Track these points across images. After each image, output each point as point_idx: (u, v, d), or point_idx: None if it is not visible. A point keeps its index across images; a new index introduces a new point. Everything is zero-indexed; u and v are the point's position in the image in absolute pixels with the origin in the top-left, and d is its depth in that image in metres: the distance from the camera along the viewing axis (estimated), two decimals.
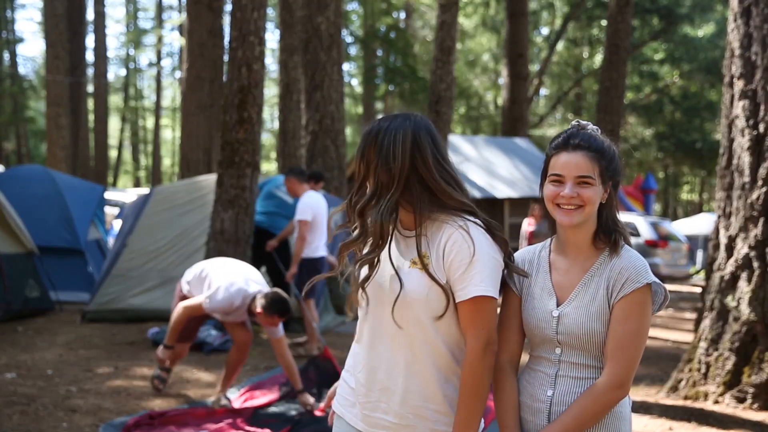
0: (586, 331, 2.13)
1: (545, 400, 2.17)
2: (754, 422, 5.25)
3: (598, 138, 2.18)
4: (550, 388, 2.18)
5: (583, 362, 2.16)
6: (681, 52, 24.37)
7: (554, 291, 2.22)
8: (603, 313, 2.13)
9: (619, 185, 2.25)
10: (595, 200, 2.15)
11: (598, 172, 2.14)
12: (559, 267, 2.24)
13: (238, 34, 8.06)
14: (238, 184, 8.05)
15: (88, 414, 5.31)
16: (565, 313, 2.17)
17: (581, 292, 2.17)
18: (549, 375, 2.19)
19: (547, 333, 2.19)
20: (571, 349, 2.17)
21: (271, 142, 36.79)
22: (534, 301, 2.23)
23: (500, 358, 2.25)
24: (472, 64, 29.76)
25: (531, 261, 2.29)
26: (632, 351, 2.10)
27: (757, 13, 5.76)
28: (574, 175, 2.13)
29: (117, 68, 42.60)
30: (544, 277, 2.25)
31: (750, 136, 5.75)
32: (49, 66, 18.37)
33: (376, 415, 2.18)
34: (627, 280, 2.10)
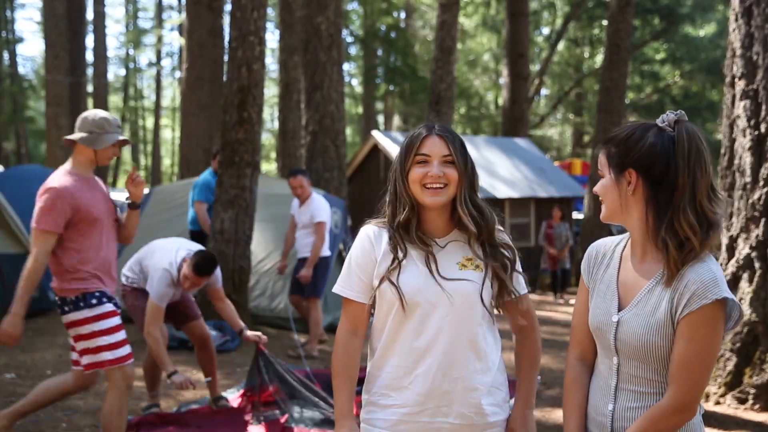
0: (645, 344, 1.94)
1: (607, 414, 2.03)
2: (755, 423, 5.24)
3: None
4: (611, 402, 2.03)
5: (643, 375, 1.98)
6: (682, 52, 24.34)
7: (618, 292, 2.04)
8: (665, 327, 1.92)
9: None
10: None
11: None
12: (630, 265, 2.05)
13: (238, 34, 8.05)
14: (238, 184, 8.04)
15: (88, 414, 5.30)
16: (624, 320, 1.99)
17: (644, 299, 1.98)
18: (609, 386, 2.04)
19: (606, 338, 2.02)
20: (629, 360, 1.99)
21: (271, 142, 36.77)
22: (598, 299, 2.08)
23: (570, 356, 2.17)
24: (473, 64, 29.74)
25: (604, 254, 2.13)
26: (698, 373, 1.90)
27: (759, 12, 5.75)
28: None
29: (117, 68, 42.60)
30: (612, 273, 2.08)
31: (751, 136, 5.74)
32: (49, 66, 18.36)
33: (436, 420, 2.19)
34: (693, 295, 1.88)
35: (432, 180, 2.18)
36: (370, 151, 15.54)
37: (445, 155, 2.19)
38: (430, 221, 2.25)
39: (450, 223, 2.26)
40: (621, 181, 1.97)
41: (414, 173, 2.20)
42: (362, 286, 2.25)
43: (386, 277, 2.19)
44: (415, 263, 2.20)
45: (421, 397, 2.18)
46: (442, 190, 2.19)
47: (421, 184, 2.18)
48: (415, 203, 2.22)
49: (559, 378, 6.85)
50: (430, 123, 2.29)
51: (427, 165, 2.19)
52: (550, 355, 7.96)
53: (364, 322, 2.29)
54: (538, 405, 5.83)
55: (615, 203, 1.99)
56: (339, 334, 2.29)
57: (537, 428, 2.39)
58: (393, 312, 2.20)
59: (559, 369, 7.27)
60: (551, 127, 32.72)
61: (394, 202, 2.26)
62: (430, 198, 2.19)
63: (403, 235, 2.22)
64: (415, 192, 2.20)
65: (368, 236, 2.27)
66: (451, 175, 2.19)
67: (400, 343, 2.21)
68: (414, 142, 2.22)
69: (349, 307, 2.29)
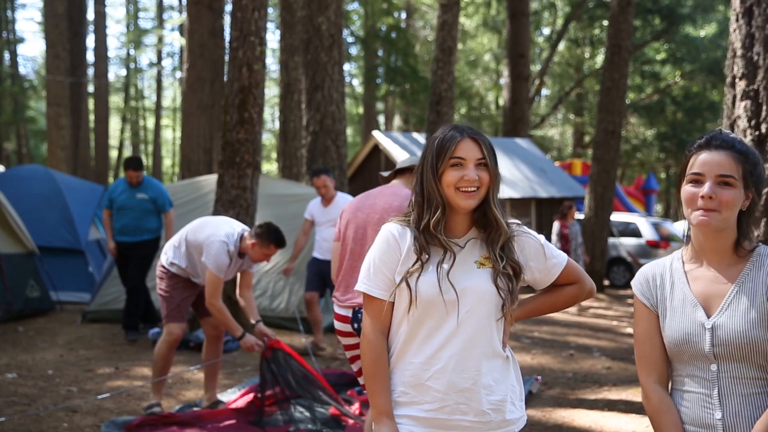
0: (749, 340, 1.97)
1: (715, 425, 2.01)
2: None
3: (743, 141, 2.08)
4: (718, 410, 2.01)
5: (747, 375, 2.00)
6: (683, 52, 24.34)
7: (699, 302, 2.06)
8: (765, 319, 1.97)
9: (761, 195, 2.14)
10: (735, 203, 2.02)
11: (741, 175, 2.03)
12: (700, 276, 2.09)
13: (238, 35, 8.05)
14: (238, 185, 8.04)
15: (89, 414, 5.31)
16: (719, 324, 2.01)
17: (734, 300, 2.02)
18: (711, 396, 2.03)
19: (699, 347, 2.03)
20: (730, 363, 2.00)
21: (271, 142, 36.78)
22: (676, 315, 2.08)
23: (649, 381, 2.14)
24: (473, 65, 29.75)
25: (662, 275, 2.16)
26: None
27: (759, 13, 5.75)
28: (716, 173, 2.01)
29: (117, 68, 42.62)
30: (682, 288, 2.10)
31: (752, 136, 5.74)
32: (50, 66, 18.36)
33: (454, 417, 2.21)
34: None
35: (467, 183, 2.20)
36: (371, 152, 15.55)
37: (479, 158, 2.23)
38: (455, 222, 2.28)
39: (470, 223, 2.30)
40: (742, 196, 2.03)
41: (449, 176, 2.21)
42: (387, 283, 2.26)
43: (406, 278, 2.21)
44: (436, 265, 2.22)
45: (439, 394, 2.20)
46: (476, 193, 2.21)
47: (456, 187, 2.21)
48: (446, 205, 2.24)
49: (559, 378, 6.86)
50: (457, 125, 2.31)
51: (462, 168, 2.21)
52: (550, 355, 7.96)
53: (389, 319, 2.30)
54: (538, 405, 5.85)
55: (734, 216, 2.04)
56: (367, 333, 2.28)
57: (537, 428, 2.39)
58: (411, 311, 2.22)
59: (560, 369, 7.28)
60: (552, 127, 32.71)
61: (422, 204, 2.26)
62: (465, 201, 2.21)
63: (428, 237, 2.24)
64: (448, 195, 2.22)
65: (392, 234, 2.27)
66: (484, 178, 2.22)
67: (417, 341, 2.23)
68: (448, 145, 2.23)
69: (374, 306, 2.28)
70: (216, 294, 5.08)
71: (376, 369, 2.26)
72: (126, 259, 8.06)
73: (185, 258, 5.30)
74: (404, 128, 29.63)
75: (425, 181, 2.26)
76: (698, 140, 2.11)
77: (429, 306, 2.20)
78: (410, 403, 2.23)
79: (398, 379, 2.26)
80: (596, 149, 14.31)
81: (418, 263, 2.21)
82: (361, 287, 2.30)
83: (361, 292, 2.30)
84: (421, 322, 2.22)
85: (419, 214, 2.27)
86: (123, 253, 8.05)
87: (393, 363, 2.28)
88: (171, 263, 5.34)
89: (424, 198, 2.26)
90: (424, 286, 2.20)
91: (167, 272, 5.36)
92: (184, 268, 5.31)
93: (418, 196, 2.28)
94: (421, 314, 2.21)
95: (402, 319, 2.25)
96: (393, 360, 2.28)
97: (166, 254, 5.39)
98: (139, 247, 8.02)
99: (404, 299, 2.23)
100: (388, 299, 2.27)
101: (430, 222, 2.23)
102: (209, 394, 5.54)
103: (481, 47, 29.76)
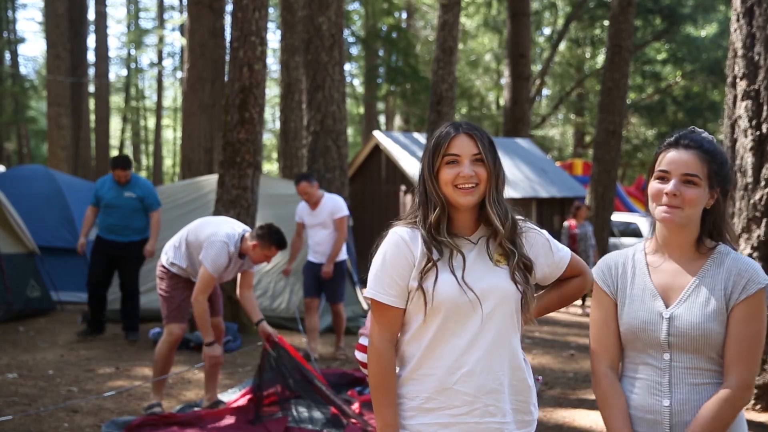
0: (703, 332, 2.06)
1: (662, 411, 2.09)
2: (757, 423, 5.24)
3: (712, 142, 2.14)
4: (666, 398, 2.10)
5: (698, 366, 2.09)
6: (683, 52, 24.31)
7: (658, 292, 2.15)
8: (720, 314, 2.07)
9: (727, 195, 2.18)
10: (698, 202, 2.10)
11: (706, 174, 2.10)
12: (661, 269, 2.18)
13: (239, 35, 8.05)
14: (239, 185, 8.04)
15: (90, 414, 5.31)
16: (677, 315, 2.10)
17: (693, 293, 2.11)
18: (661, 383, 2.11)
19: (655, 336, 2.11)
20: (682, 353, 2.09)
21: (272, 142, 36.75)
22: (635, 303, 2.16)
23: (600, 365, 2.20)
24: (474, 65, 29.73)
25: (624, 264, 2.24)
26: (756, 352, 2.07)
27: (760, 13, 5.75)
28: (681, 172, 2.09)
29: (118, 68, 42.58)
30: (643, 278, 2.18)
31: (753, 136, 5.74)
32: (50, 66, 18.35)
33: (484, 420, 2.17)
34: (749, 281, 2.06)
35: (464, 180, 2.17)
36: (372, 152, 15.54)
37: (474, 154, 2.19)
38: (460, 220, 2.24)
39: (478, 220, 2.25)
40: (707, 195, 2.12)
41: (445, 174, 2.18)
42: (399, 290, 2.19)
43: (423, 282, 2.16)
44: (451, 265, 2.18)
45: (468, 397, 2.16)
46: (474, 190, 2.18)
47: (453, 185, 2.18)
48: (446, 203, 2.21)
49: (560, 378, 6.85)
50: (455, 122, 2.28)
51: (458, 165, 2.18)
52: (550, 355, 7.96)
53: (399, 328, 2.23)
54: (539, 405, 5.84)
55: (698, 213, 2.13)
56: (376, 342, 2.21)
57: (539, 428, 2.39)
58: (434, 315, 2.16)
59: (560, 369, 7.27)
60: (552, 127, 32.68)
61: (425, 204, 2.23)
62: (463, 198, 2.18)
63: (436, 236, 2.19)
64: (447, 193, 2.19)
65: (403, 238, 2.21)
66: (481, 174, 2.18)
67: (441, 346, 2.18)
68: (442, 142, 2.20)
69: (385, 313, 2.21)
70: (205, 291, 5.10)
71: (384, 380, 2.20)
72: (110, 258, 7.92)
73: (186, 258, 5.30)
74: (405, 128, 29.62)
75: (425, 180, 2.23)
76: (668, 138, 2.17)
77: (451, 308, 2.15)
78: (437, 409, 2.17)
79: (422, 386, 2.19)
80: (597, 149, 14.30)
81: (431, 264, 2.16)
82: (372, 293, 2.22)
83: (369, 298, 2.23)
84: (444, 326, 2.17)
85: (424, 214, 2.23)
86: (108, 251, 7.90)
87: (413, 371, 2.21)
88: (171, 263, 5.34)
89: (426, 197, 2.23)
90: (444, 287, 2.15)
91: (167, 272, 5.36)
92: (184, 268, 5.32)
93: (421, 195, 2.25)
94: (444, 317, 2.16)
95: (422, 325, 2.19)
96: (413, 368, 2.21)
97: (167, 254, 5.39)
98: (130, 249, 7.91)
99: (421, 305, 2.17)
100: (403, 306, 2.20)
101: (432, 221, 2.19)
102: (210, 394, 5.54)
103: (481, 47, 29.75)
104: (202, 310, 5.09)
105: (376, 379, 2.20)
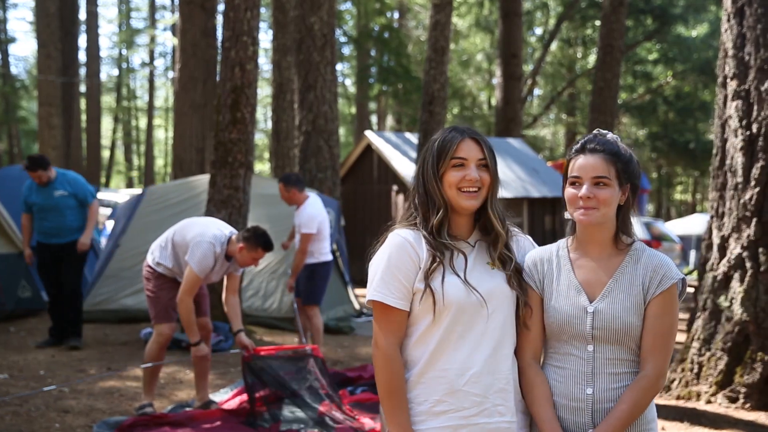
0: (624, 325, 2.20)
1: (585, 399, 2.23)
2: (746, 422, 5.27)
3: (615, 143, 2.28)
4: (589, 386, 2.23)
5: (618, 357, 2.23)
6: (674, 52, 24.38)
7: (582, 288, 2.27)
8: (639, 308, 2.22)
9: (637, 189, 2.31)
10: (612, 201, 2.24)
11: (615, 174, 2.23)
12: (583, 265, 2.31)
13: (231, 34, 8.04)
14: (231, 185, 8.03)
15: (81, 415, 5.29)
16: (600, 309, 2.23)
17: (614, 288, 2.25)
18: (584, 373, 2.23)
19: (579, 329, 2.24)
20: (605, 345, 2.23)
21: (264, 142, 36.72)
22: (561, 298, 2.28)
23: (525, 355, 2.30)
24: (466, 64, 29.75)
25: (549, 260, 2.34)
26: (671, 342, 2.24)
27: (751, 13, 5.78)
28: (591, 176, 2.23)
29: (109, 68, 42.38)
30: (567, 274, 2.30)
31: (743, 136, 5.76)
32: (41, 66, 18.28)
33: (493, 420, 2.20)
34: (664, 277, 2.22)
35: (469, 184, 2.20)
36: (364, 152, 15.54)
37: (480, 159, 2.24)
38: (459, 224, 2.27)
39: (473, 225, 2.29)
40: (618, 193, 2.26)
41: (451, 177, 2.21)
42: (405, 292, 2.20)
43: (430, 283, 2.17)
44: (454, 267, 2.20)
45: (478, 398, 2.18)
46: (477, 194, 2.22)
47: (457, 188, 2.20)
48: (448, 206, 2.23)
49: None
50: (456, 126, 2.31)
51: (464, 168, 2.21)
52: None
53: (404, 331, 2.23)
54: None
55: (611, 209, 2.26)
56: (384, 347, 2.20)
57: None
58: (440, 317, 2.18)
59: None
60: (544, 127, 32.74)
61: (426, 205, 2.24)
62: (467, 201, 2.21)
63: (437, 239, 2.21)
64: (450, 195, 2.22)
65: (408, 241, 2.22)
66: (485, 179, 2.23)
67: (450, 348, 2.19)
68: (449, 145, 2.23)
69: (391, 316, 2.20)
70: (190, 292, 5.09)
71: (394, 385, 2.19)
72: (54, 262, 7.54)
73: (172, 258, 5.29)
74: (397, 128, 29.63)
75: (426, 182, 2.24)
76: (575, 145, 2.31)
77: (459, 310, 2.17)
78: (448, 412, 2.18)
79: (431, 389, 2.20)
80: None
81: (437, 264, 2.18)
82: (376, 296, 2.20)
83: (376, 301, 2.21)
84: (452, 328, 2.18)
85: (425, 215, 2.24)
86: (52, 256, 7.50)
87: (420, 374, 2.21)
88: (157, 263, 5.33)
89: (427, 199, 2.24)
90: (451, 288, 2.17)
91: (154, 272, 5.35)
92: (170, 268, 5.30)
93: (421, 197, 2.26)
94: (452, 318, 2.18)
95: (429, 327, 2.19)
96: (420, 371, 2.21)
97: (153, 254, 5.38)
98: (70, 249, 7.47)
99: (429, 306, 2.18)
100: (408, 309, 2.20)
101: (434, 223, 2.21)
102: (201, 394, 5.53)
103: (473, 47, 29.76)
104: (187, 310, 5.09)
105: (388, 385, 2.20)
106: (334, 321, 8.96)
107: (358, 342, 8.41)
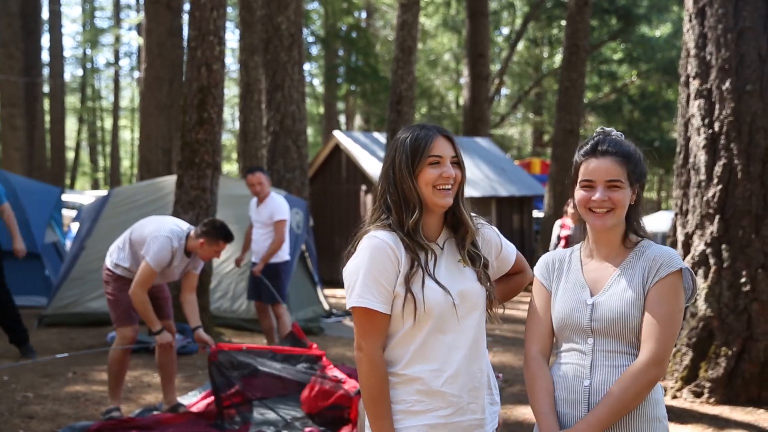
0: (621, 316, 2.22)
1: (583, 391, 2.24)
2: (711, 416, 5.35)
3: (624, 143, 2.30)
4: (587, 379, 2.24)
5: (618, 349, 2.23)
6: (639, 52, 24.67)
7: (587, 284, 2.32)
8: (638, 299, 2.22)
9: (644, 187, 2.35)
10: (625, 203, 2.27)
11: (626, 176, 2.26)
12: (592, 264, 2.36)
13: (197, 34, 7.98)
14: (198, 186, 7.97)
15: (46, 420, 5.22)
16: (599, 302, 2.26)
17: (615, 282, 2.28)
18: (584, 366, 2.25)
19: (580, 322, 2.27)
20: (604, 337, 2.24)
21: (231, 142, 36.47)
22: (566, 294, 2.33)
23: (532, 349, 2.35)
24: (433, 64, 29.83)
25: (562, 260, 2.41)
26: (668, 331, 2.19)
27: (712, 13, 5.86)
28: (605, 179, 2.25)
29: (73, 68, 41.78)
30: (576, 274, 2.36)
31: (706, 134, 5.85)
32: (3, 66, 17.99)
33: (466, 417, 2.22)
34: (662, 266, 2.22)
35: (445, 181, 2.20)
36: (332, 152, 15.51)
37: (453, 156, 2.25)
38: (429, 223, 2.25)
39: (442, 224, 2.29)
40: (630, 194, 2.29)
41: (427, 175, 2.19)
42: (387, 296, 2.17)
43: (410, 288, 2.16)
44: (432, 270, 2.20)
45: (454, 398, 2.20)
46: (450, 191, 2.22)
47: (433, 186, 2.19)
48: (423, 205, 2.21)
49: (520, 375, 6.91)
50: (424, 124, 2.31)
51: (440, 166, 2.21)
52: (511, 353, 8.03)
53: (386, 334, 2.22)
54: None
55: (624, 211, 2.29)
56: (369, 352, 2.18)
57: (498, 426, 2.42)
58: (420, 322, 2.17)
59: (520, 366, 7.33)
60: (511, 126, 32.96)
61: (400, 205, 2.21)
62: (443, 199, 2.20)
63: (413, 239, 2.20)
64: (426, 193, 2.20)
65: (387, 243, 2.17)
66: (458, 176, 2.24)
67: (429, 349, 2.19)
68: (424, 143, 2.22)
69: (376, 321, 2.18)
70: (143, 284, 5.04)
71: (380, 390, 2.19)
72: None
73: (130, 258, 5.24)
74: (365, 128, 29.63)
75: (399, 181, 2.21)
76: (584, 146, 2.32)
77: (438, 314, 2.18)
78: (426, 411, 2.19)
79: (410, 389, 2.20)
80: (555, 148, 14.47)
81: (416, 268, 2.17)
82: (362, 302, 2.16)
83: (360, 307, 2.17)
84: (431, 332, 2.18)
85: (399, 216, 2.21)
86: None
87: (399, 375, 2.21)
88: (116, 265, 5.27)
89: (401, 198, 2.21)
90: (431, 294, 2.17)
91: (113, 275, 5.29)
92: (129, 269, 5.25)
93: (393, 196, 2.22)
94: (432, 324, 2.18)
95: (410, 330, 2.19)
96: (398, 372, 2.21)
97: (111, 256, 5.33)
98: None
99: (410, 311, 2.17)
100: (388, 312, 2.19)
101: (411, 223, 2.19)
102: (169, 398, 5.48)
103: (441, 47, 29.86)
104: (140, 301, 5.05)
105: (373, 390, 2.19)
106: (303, 322, 8.93)
107: (327, 342, 8.39)
